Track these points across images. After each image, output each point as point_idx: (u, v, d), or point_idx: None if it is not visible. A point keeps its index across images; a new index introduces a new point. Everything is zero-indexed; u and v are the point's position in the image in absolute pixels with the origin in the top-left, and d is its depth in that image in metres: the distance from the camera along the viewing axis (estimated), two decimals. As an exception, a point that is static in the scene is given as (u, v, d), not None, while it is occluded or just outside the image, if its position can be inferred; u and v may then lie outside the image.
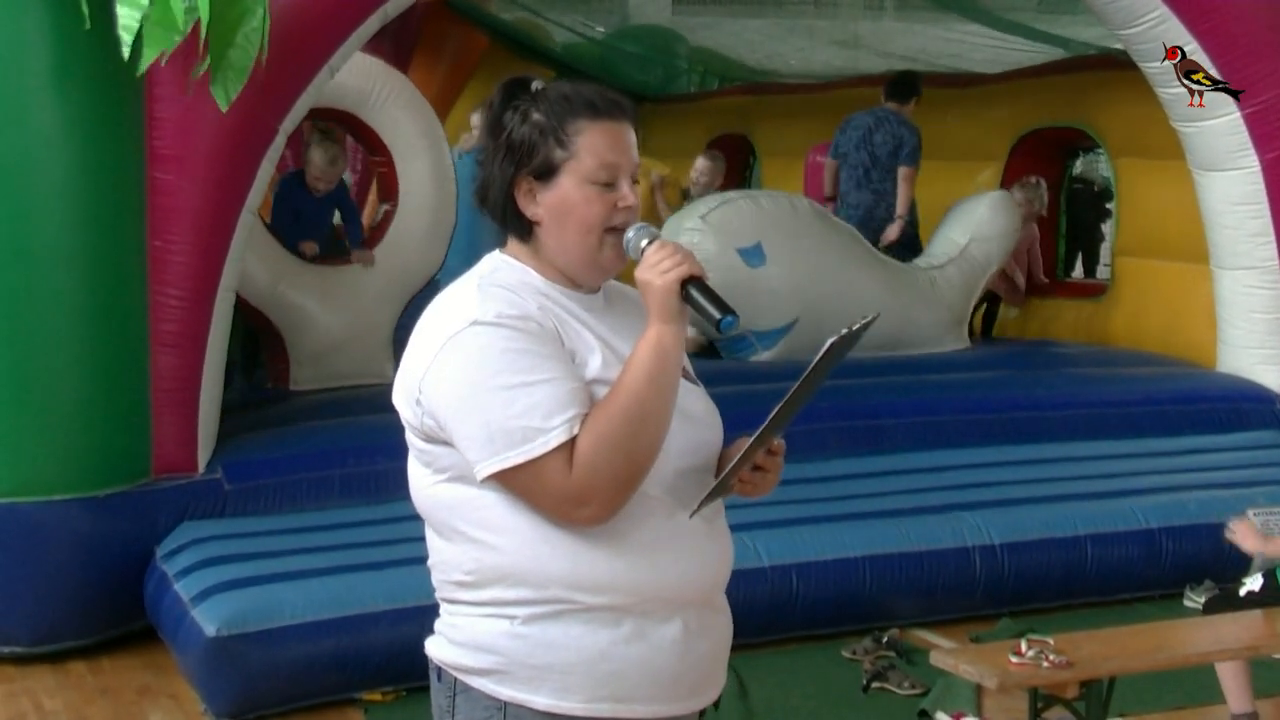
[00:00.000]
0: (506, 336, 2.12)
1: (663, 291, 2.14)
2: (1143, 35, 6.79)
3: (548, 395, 2.10)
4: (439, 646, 2.30)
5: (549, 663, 2.16)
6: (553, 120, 2.20)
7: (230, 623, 4.84)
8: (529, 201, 2.22)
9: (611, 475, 2.09)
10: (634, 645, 2.16)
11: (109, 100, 5.32)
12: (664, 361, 2.13)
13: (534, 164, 2.20)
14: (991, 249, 8.53)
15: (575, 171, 2.20)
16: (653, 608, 2.17)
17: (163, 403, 5.57)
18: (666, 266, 2.15)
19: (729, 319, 2.17)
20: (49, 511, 5.37)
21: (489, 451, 2.10)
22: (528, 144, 2.20)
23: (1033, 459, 6.64)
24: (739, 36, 12.40)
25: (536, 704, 2.17)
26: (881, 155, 8.86)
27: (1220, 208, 7.16)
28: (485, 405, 2.10)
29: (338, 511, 5.70)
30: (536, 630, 2.16)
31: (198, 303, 5.58)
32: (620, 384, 2.12)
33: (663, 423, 2.13)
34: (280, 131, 5.66)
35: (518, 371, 2.10)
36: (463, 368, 2.13)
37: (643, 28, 13.78)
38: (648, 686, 2.19)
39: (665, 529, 2.18)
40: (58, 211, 5.30)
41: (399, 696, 5.02)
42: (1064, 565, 5.93)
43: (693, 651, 2.22)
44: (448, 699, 2.27)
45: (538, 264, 2.25)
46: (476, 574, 2.20)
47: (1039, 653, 3.99)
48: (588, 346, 2.20)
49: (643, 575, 2.16)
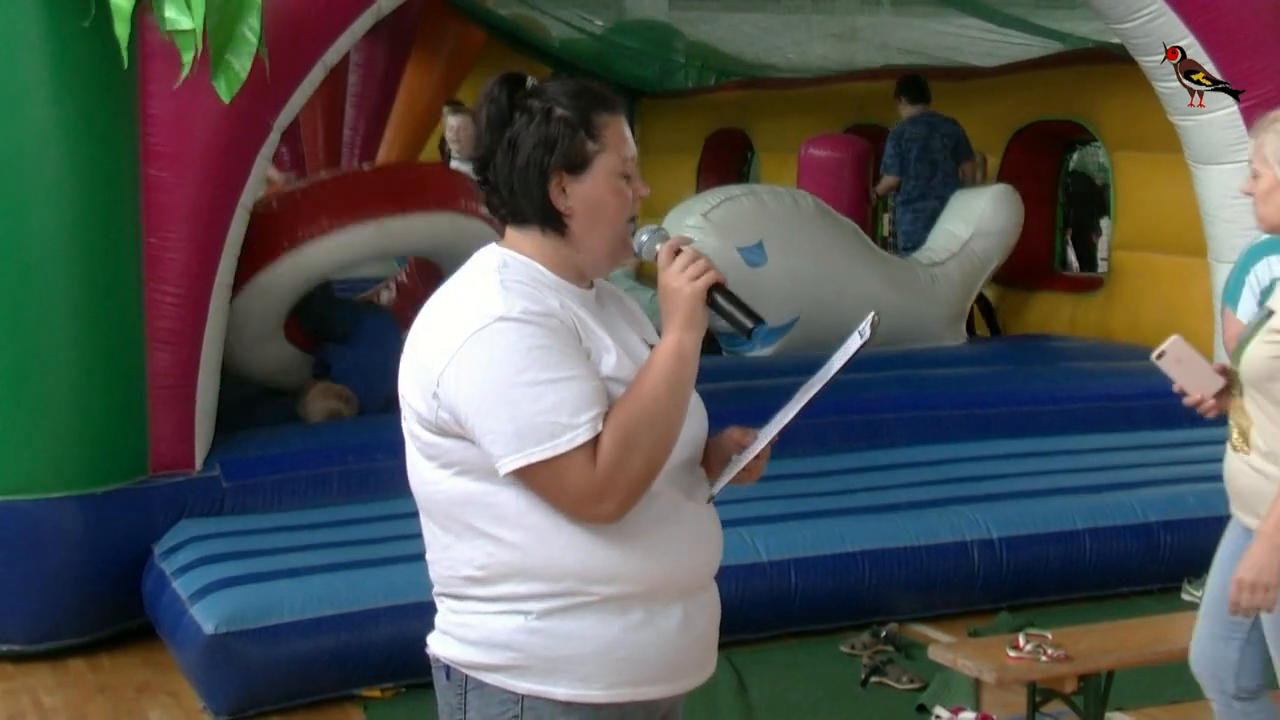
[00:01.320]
0: (533, 333, 2.14)
1: (692, 299, 2.19)
2: (1140, 29, 6.79)
3: (574, 392, 2.13)
4: (446, 645, 2.30)
5: (566, 654, 2.19)
6: (579, 114, 2.23)
7: (229, 620, 4.84)
8: (560, 195, 2.24)
9: (631, 474, 2.14)
10: (644, 631, 2.22)
11: (103, 97, 5.31)
12: (686, 368, 2.19)
13: (569, 158, 2.22)
14: (993, 245, 8.53)
15: (605, 164, 2.24)
16: (660, 594, 2.23)
17: (159, 400, 5.57)
18: (694, 273, 2.20)
19: (760, 326, 2.25)
20: (46, 509, 5.37)
21: (515, 446, 2.12)
22: (561, 138, 2.22)
23: (1031, 453, 6.64)
24: (736, 30, 12.38)
25: (557, 695, 2.20)
26: (940, 159, 8.99)
27: (1217, 201, 7.15)
28: (513, 400, 2.12)
29: (336, 509, 5.70)
30: (552, 624, 2.19)
31: (193, 299, 5.57)
32: (642, 387, 2.17)
33: (679, 426, 2.20)
34: (275, 127, 5.65)
35: (545, 368, 2.13)
36: (488, 363, 2.14)
37: (640, 22, 13.76)
38: (660, 667, 2.25)
39: (671, 519, 2.25)
40: (52, 209, 5.29)
41: (398, 693, 5.01)
42: (1062, 559, 5.93)
43: (694, 630, 2.29)
44: (458, 697, 2.28)
45: (549, 258, 2.26)
46: (488, 569, 2.21)
47: (1037, 647, 4.00)
48: (603, 345, 2.23)
49: (652, 564, 2.22)
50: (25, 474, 5.35)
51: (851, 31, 11.39)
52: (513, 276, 2.22)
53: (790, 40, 11.94)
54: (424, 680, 4.71)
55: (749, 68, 12.65)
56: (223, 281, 5.66)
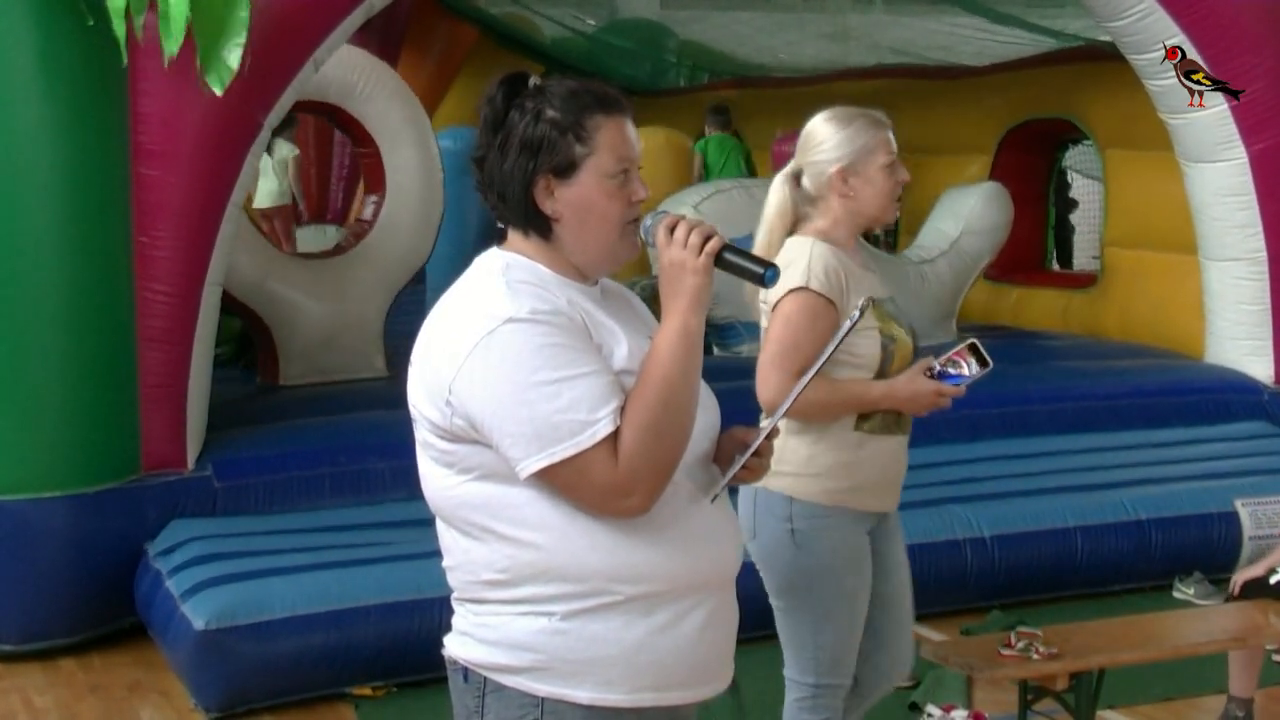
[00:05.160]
0: (543, 332, 2.11)
1: (700, 272, 2.15)
2: (1131, 27, 6.80)
3: (590, 388, 2.10)
4: (465, 646, 2.25)
5: (590, 657, 2.16)
6: (569, 116, 2.20)
7: (220, 616, 4.83)
8: (547, 198, 2.21)
9: (653, 464, 2.11)
10: (668, 634, 2.19)
11: (93, 96, 5.31)
12: (694, 349, 2.15)
13: (554, 161, 2.19)
14: (983, 242, 8.53)
15: (595, 168, 2.20)
16: (684, 594, 2.20)
17: (151, 399, 5.56)
18: (697, 243, 2.16)
19: (770, 272, 2.20)
20: (38, 509, 5.36)
21: (535, 448, 2.09)
22: (546, 141, 2.19)
23: (1022, 453, 6.64)
24: (728, 30, 12.38)
25: (579, 698, 2.17)
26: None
27: (1208, 199, 7.17)
28: (529, 402, 2.08)
29: (328, 509, 5.69)
30: (576, 625, 2.16)
31: (184, 298, 5.56)
32: (651, 373, 2.13)
33: (694, 408, 2.17)
34: (265, 125, 5.64)
35: (559, 366, 2.10)
36: (500, 366, 2.10)
37: (632, 22, 13.77)
38: (683, 673, 2.22)
39: (692, 514, 2.22)
40: (43, 207, 5.28)
41: (389, 691, 5.01)
42: (1054, 557, 5.93)
43: (716, 634, 2.26)
44: (476, 699, 2.24)
45: (547, 259, 2.24)
46: (510, 572, 2.17)
47: (1028, 645, 4.00)
48: (615, 338, 2.20)
49: (678, 562, 2.19)
50: (16, 474, 5.34)
51: (843, 31, 11.40)
52: (518, 277, 2.19)
53: (782, 40, 11.94)
54: (415, 679, 4.67)
55: (741, 67, 12.66)
56: (214, 279, 5.65)
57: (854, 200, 3.39)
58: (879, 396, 3.30)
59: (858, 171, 3.37)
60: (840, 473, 3.33)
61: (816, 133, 3.42)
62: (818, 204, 3.41)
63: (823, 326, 3.25)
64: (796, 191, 3.43)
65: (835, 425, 3.32)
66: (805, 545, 3.36)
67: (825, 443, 3.33)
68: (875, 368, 3.33)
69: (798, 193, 3.43)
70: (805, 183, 3.42)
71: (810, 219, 3.43)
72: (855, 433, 3.33)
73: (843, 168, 3.36)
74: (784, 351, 3.27)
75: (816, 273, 3.29)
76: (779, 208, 3.44)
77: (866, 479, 3.37)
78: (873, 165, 3.37)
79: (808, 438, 3.33)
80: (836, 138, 3.38)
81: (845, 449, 3.33)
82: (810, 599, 3.42)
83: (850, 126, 3.39)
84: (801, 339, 3.25)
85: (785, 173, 3.46)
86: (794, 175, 3.44)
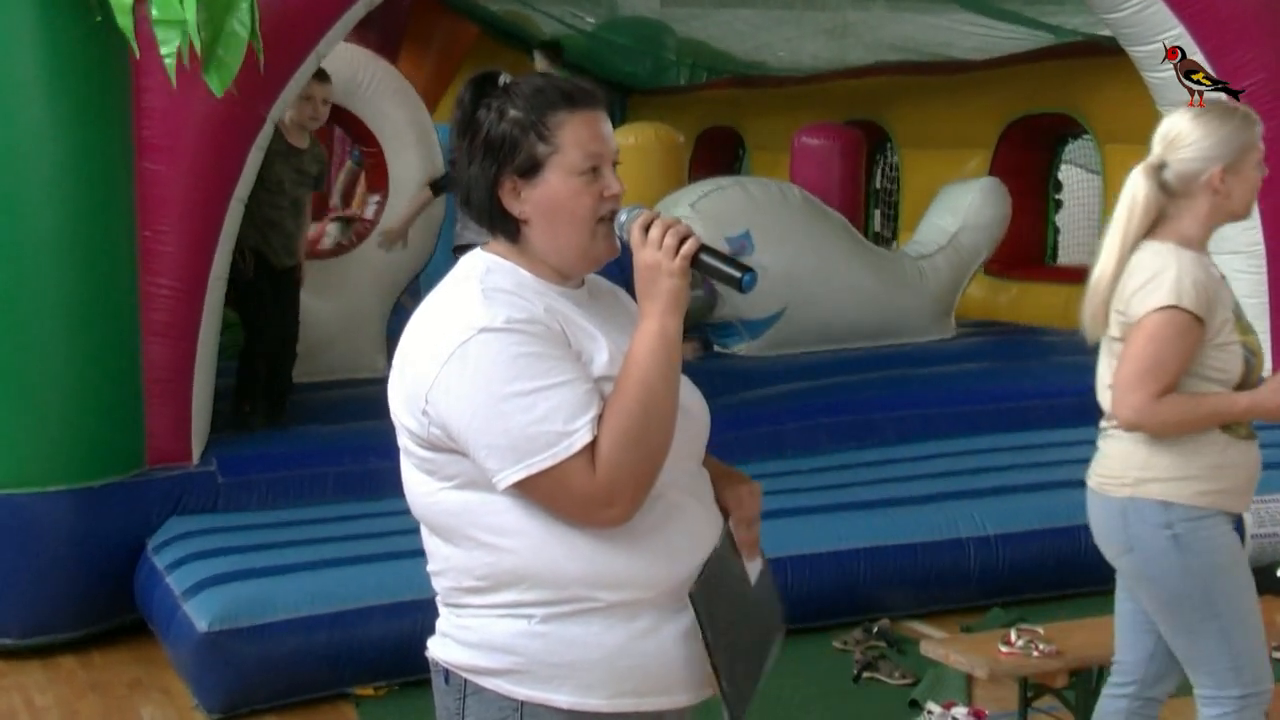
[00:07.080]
0: (518, 341, 2.08)
1: (676, 275, 2.11)
2: (1129, 20, 6.79)
3: (566, 398, 2.06)
4: (446, 648, 2.24)
5: (570, 660, 2.14)
6: (532, 115, 2.16)
7: (222, 617, 4.83)
8: (514, 200, 2.18)
9: (633, 472, 2.07)
10: (650, 639, 2.16)
11: (97, 91, 5.31)
12: (671, 353, 2.11)
13: (517, 161, 2.16)
14: (981, 238, 8.53)
15: (560, 165, 2.16)
16: (666, 600, 2.16)
17: (155, 393, 5.57)
18: (672, 244, 2.12)
19: (748, 276, 2.16)
20: (41, 503, 5.37)
21: (512, 460, 2.06)
22: (509, 141, 2.16)
23: (1026, 446, 6.64)
24: (728, 27, 12.35)
25: (558, 702, 2.15)
26: None
27: (1208, 195, 7.16)
28: (505, 413, 2.05)
29: (331, 507, 5.71)
30: (555, 628, 2.14)
31: (188, 292, 5.57)
32: (629, 379, 2.09)
33: (673, 413, 2.12)
34: (268, 119, 5.65)
35: (534, 376, 2.06)
36: (475, 377, 2.07)
37: (631, 19, 13.74)
38: (664, 678, 2.19)
39: (676, 520, 2.18)
40: (47, 203, 5.29)
41: (391, 691, 5.01)
42: (1059, 555, 5.91)
43: (699, 640, 2.21)
44: (457, 701, 2.22)
45: (527, 262, 2.21)
46: (490, 578, 2.16)
47: (1028, 642, 4.01)
48: (596, 344, 2.17)
49: (660, 568, 2.16)
50: (20, 467, 5.35)
51: (843, 27, 11.37)
52: (494, 284, 2.16)
53: (781, 37, 11.91)
54: (416, 679, 4.67)
55: (740, 65, 12.64)
56: (218, 274, 5.65)
57: (1227, 199, 3.27)
58: (1244, 409, 3.24)
59: (1237, 170, 3.26)
60: (1213, 475, 3.25)
61: (1188, 131, 3.26)
62: (1180, 202, 3.28)
63: (1188, 344, 3.16)
64: (1159, 189, 3.28)
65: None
66: (1190, 547, 3.25)
67: (1194, 446, 3.25)
68: (1236, 381, 3.27)
69: (1159, 191, 3.27)
70: (1170, 178, 3.27)
71: (1169, 219, 3.29)
72: (1223, 435, 3.26)
73: (1225, 167, 3.25)
74: (1149, 369, 3.17)
75: (1186, 289, 3.17)
76: (1144, 204, 3.27)
77: (1234, 482, 3.30)
78: (1249, 163, 3.28)
79: (1175, 444, 3.25)
80: (1216, 135, 3.25)
81: (1214, 452, 3.26)
82: (1208, 604, 3.28)
83: (1228, 124, 3.27)
84: (1167, 357, 3.16)
85: (1147, 164, 3.29)
86: (1156, 168, 3.28)
